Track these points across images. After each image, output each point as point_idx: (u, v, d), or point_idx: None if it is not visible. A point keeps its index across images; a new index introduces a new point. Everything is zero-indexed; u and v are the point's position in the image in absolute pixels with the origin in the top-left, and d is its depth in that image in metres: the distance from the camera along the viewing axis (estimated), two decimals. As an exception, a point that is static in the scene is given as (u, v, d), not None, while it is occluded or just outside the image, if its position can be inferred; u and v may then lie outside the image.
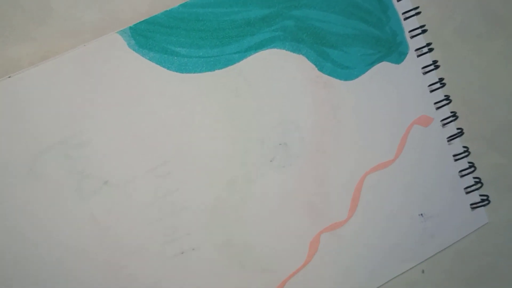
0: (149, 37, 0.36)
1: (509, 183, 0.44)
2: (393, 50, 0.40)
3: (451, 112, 0.42)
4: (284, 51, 0.38)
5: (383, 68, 0.40)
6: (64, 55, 0.34)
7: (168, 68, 0.36)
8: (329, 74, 0.39)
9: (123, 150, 0.36)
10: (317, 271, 0.40)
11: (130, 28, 0.36)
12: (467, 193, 0.42)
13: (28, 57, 0.35)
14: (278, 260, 0.39)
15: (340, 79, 0.39)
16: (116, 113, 0.35)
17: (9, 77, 0.34)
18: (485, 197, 0.43)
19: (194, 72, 0.37)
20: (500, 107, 0.44)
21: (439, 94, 0.42)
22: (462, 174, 0.42)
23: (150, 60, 0.36)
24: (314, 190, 0.39)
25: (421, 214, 0.41)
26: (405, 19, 0.41)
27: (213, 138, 0.37)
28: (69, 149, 0.35)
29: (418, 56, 0.41)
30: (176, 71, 0.37)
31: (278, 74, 0.38)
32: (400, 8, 0.41)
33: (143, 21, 0.36)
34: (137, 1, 0.37)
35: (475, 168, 0.43)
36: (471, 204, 0.43)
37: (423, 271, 0.43)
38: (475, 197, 0.43)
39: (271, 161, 0.38)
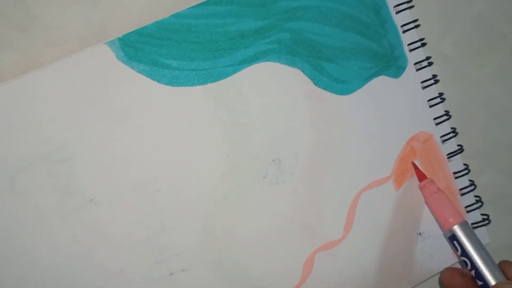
0: (139, 48, 0.35)
1: (508, 203, 0.43)
2: (391, 64, 0.39)
3: (451, 128, 0.41)
4: (279, 64, 0.37)
5: (381, 82, 0.39)
6: (49, 67, 0.33)
7: (158, 81, 0.35)
8: (325, 89, 0.38)
9: (109, 166, 0.34)
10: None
11: (119, 39, 0.34)
12: (468, 212, 0.41)
13: (10, 66, 0.34)
14: (271, 281, 0.37)
15: (336, 93, 0.38)
16: (102, 128, 0.34)
17: (-11, 88, 0.32)
18: (485, 217, 0.42)
19: (185, 85, 0.36)
20: (500, 124, 0.43)
21: (439, 109, 0.40)
22: (463, 192, 0.41)
23: (139, 72, 0.35)
24: (308, 208, 0.38)
25: (420, 233, 0.40)
26: (404, 32, 0.40)
27: (204, 154, 0.36)
28: (52, 165, 0.33)
29: (417, 70, 0.40)
30: (167, 84, 0.35)
31: (272, 88, 0.37)
32: (398, 20, 0.39)
33: (132, 31, 0.35)
34: (126, 11, 0.36)
35: (475, 187, 0.41)
36: (472, 224, 0.41)
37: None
38: (476, 216, 0.41)
39: (264, 177, 0.37)
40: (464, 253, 0.35)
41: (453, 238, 0.36)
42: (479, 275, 0.35)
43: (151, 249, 0.35)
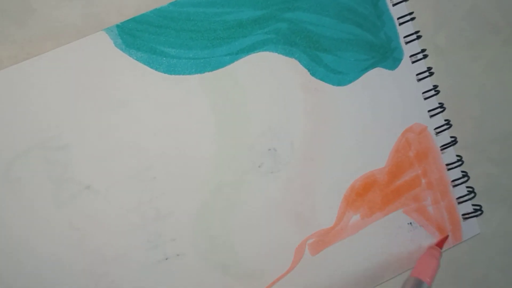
0: (137, 36, 0.35)
1: (501, 194, 0.43)
2: (388, 56, 0.39)
3: (445, 120, 0.41)
4: (276, 54, 0.37)
5: (377, 74, 0.39)
6: (46, 54, 0.33)
7: (156, 69, 0.35)
8: (322, 79, 0.38)
9: (105, 153, 0.35)
10: (302, 277, 0.39)
11: (117, 26, 0.35)
12: (460, 203, 0.42)
13: (9, 60, 0.34)
14: (263, 266, 0.38)
15: (333, 84, 0.38)
16: (99, 115, 0.34)
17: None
18: (477, 207, 0.42)
19: (183, 74, 0.36)
20: (494, 116, 0.43)
21: (433, 102, 0.41)
22: (455, 183, 0.41)
23: (137, 60, 0.35)
24: (301, 197, 0.38)
25: (410, 223, 0.41)
26: (400, 24, 0.40)
27: (200, 142, 0.36)
28: (48, 152, 0.33)
29: (413, 62, 0.40)
30: (164, 72, 0.36)
31: (269, 78, 0.37)
32: (395, 13, 0.40)
33: (131, 19, 0.35)
34: (123, 3, 0.36)
35: (469, 178, 0.42)
36: (463, 214, 0.42)
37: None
38: (467, 207, 0.42)
39: (259, 166, 0.37)
40: None
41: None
42: None
43: (147, 234, 0.35)
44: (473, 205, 0.42)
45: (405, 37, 0.40)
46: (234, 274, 0.38)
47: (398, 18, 0.40)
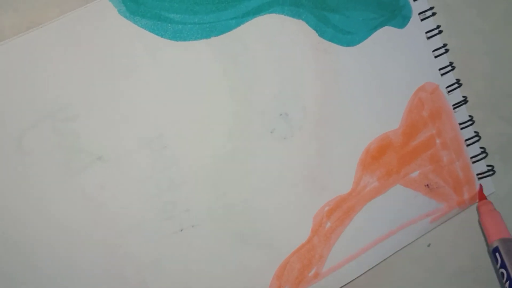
0: (141, 3, 0.34)
1: (515, 153, 0.43)
2: (396, 13, 0.38)
3: (456, 79, 0.40)
4: (283, 16, 0.36)
5: (386, 32, 0.38)
6: (50, 24, 0.32)
7: (161, 36, 0.34)
8: (330, 40, 0.37)
9: (115, 123, 0.34)
10: (321, 246, 0.38)
11: (120, -7, 0.34)
12: (473, 162, 0.41)
13: (11, 29, 0.33)
14: (280, 235, 0.37)
15: (342, 45, 0.38)
16: (107, 84, 0.33)
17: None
18: (490, 167, 0.42)
19: (189, 40, 0.35)
20: (505, 74, 0.42)
21: (444, 60, 0.40)
22: (468, 143, 0.41)
23: (142, 27, 0.34)
24: (317, 163, 0.38)
25: (427, 185, 0.40)
26: (408, -20, 0.39)
27: (210, 109, 0.35)
28: (58, 123, 0.33)
29: (422, 20, 0.39)
30: (170, 39, 0.35)
31: (277, 41, 0.36)
32: (402, -31, 0.39)
33: (134, -14, 0.34)
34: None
35: (480, 138, 0.41)
36: (478, 174, 0.41)
37: (429, 245, 0.41)
38: (482, 166, 0.41)
39: (271, 132, 0.37)
40: (503, 265, 0.37)
41: (495, 251, 0.38)
42: None
43: (162, 205, 0.35)
44: (487, 165, 0.42)
45: (413, -7, 0.39)
46: (252, 244, 0.37)
47: (406, -26, 0.39)
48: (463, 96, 0.41)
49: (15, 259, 0.33)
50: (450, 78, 0.40)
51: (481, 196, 0.41)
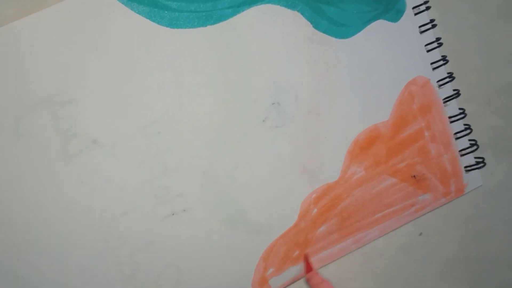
0: (138, -11, 0.34)
1: (505, 146, 0.43)
2: (390, 7, 0.39)
3: (448, 73, 0.41)
4: (279, 6, 0.37)
5: (380, 26, 0.39)
6: (47, 9, 0.33)
7: (158, 23, 0.35)
8: (325, 32, 0.38)
9: (110, 108, 0.34)
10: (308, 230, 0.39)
11: (118, -21, 0.34)
12: (462, 155, 0.42)
13: (10, 16, 0.33)
14: (270, 220, 0.38)
15: (336, 37, 0.38)
16: (103, 70, 0.34)
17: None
18: (480, 160, 0.42)
19: (185, 27, 0.35)
20: (498, 68, 0.43)
21: (436, 54, 0.41)
22: (457, 136, 0.42)
23: (139, 14, 0.35)
24: (307, 152, 0.38)
25: (414, 176, 0.41)
26: (403, -25, 0.39)
27: (204, 96, 0.36)
28: (55, 107, 0.33)
29: (415, 14, 0.40)
30: (167, 26, 0.35)
31: (272, 31, 0.37)
32: (398, -37, 0.39)
33: (131, -28, 0.34)
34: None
35: (471, 130, 0.42)
36: (466, 167, 0.42)
37: (420, 234, 0.42)
38: (470, 159, 0.42)
39: (263, 121, 0.37)
40: None
41: None
42: None
43: (155, 189, 0.35)
44: (475, 157, 0.42)
45: (407, -13, 0.39)
46: (241, 229, 0.38)
47: (401, -32, 0.39)
48: (456, 90, 0.41)
49: (10, 240, 0.34)
50: (442, 72, 0.41)
51: (309, 268, 0.40)
